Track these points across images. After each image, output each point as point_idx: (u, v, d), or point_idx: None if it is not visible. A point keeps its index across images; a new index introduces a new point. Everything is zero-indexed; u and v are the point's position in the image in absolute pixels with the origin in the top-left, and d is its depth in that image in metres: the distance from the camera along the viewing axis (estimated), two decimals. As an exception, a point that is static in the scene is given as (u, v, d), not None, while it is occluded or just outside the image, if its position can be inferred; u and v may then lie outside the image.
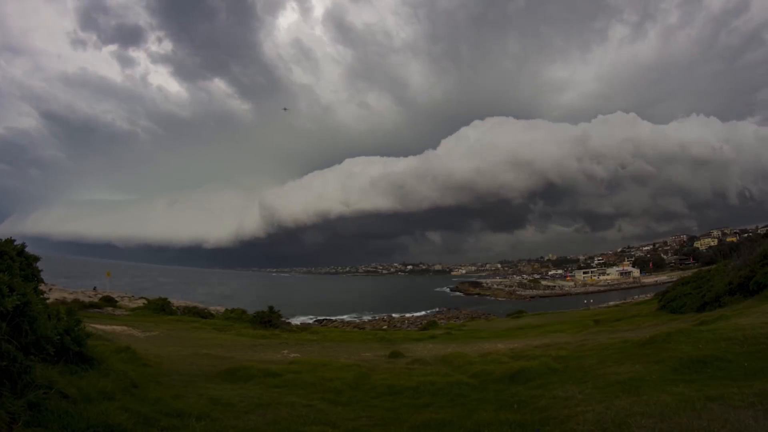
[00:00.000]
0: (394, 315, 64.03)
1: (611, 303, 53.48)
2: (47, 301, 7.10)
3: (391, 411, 6.37)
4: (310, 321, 54.00)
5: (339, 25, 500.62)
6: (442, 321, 49.50)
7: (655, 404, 4.90)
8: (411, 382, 7.84)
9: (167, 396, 5.84)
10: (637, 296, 63.59)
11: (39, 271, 8.44)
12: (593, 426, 4.59)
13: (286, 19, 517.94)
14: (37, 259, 8.51)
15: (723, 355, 6.84)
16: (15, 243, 7.66)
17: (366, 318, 63.62)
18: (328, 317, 62.11)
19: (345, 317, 63.67)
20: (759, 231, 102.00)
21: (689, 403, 4.80)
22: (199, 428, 4.60)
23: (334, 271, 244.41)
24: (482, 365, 9.35)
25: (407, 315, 63.65)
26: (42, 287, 8.64)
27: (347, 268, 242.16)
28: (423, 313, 66.41)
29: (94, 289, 40.41)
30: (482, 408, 6.08)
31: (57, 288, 33.33)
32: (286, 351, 14.55)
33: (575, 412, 5.16)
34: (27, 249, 8.01)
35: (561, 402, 5.79)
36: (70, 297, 27.92)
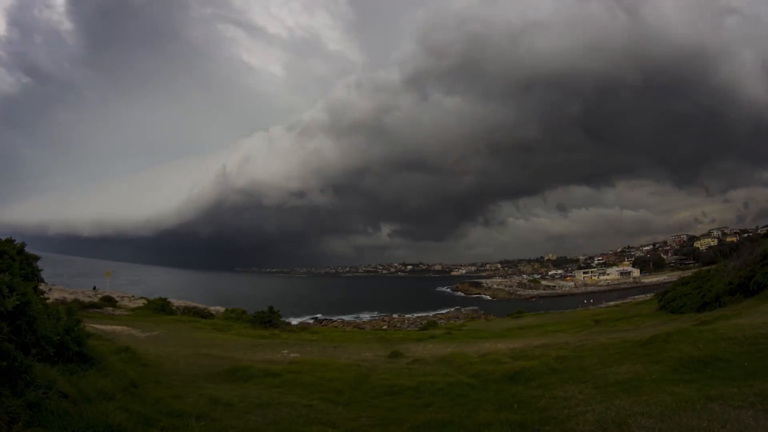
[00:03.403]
0: (394, 315, 64.02)
1: (611, 303, 53.41)
2: (47, 301, 7.11)
3: (391, 411, 6.37)
4: (310, 321, 54.04)
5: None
6: (442, 321, 49.51)
7: (655, 404, 4.90)
8: (411, 382, 7.84)
9: (167, 396, 5.85)
10: (637, 296, 63.57)
11: (39, 271, 8.45)
12: (593, 426, 4.59)
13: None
14: (36, 258, 8.53)
15: (723, 355, 6.84)
16: (15, 242, 7.68)
17: (366, 318, 63.65)
18: (328, 317, 62.14)
19: (345, 317, 63.68)
20: (759, 231, 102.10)
21: (689, 403, 4.80)
22: (199, 428, 4.60)
23: (333, 271, 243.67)
24: (482, 365, 9.35)
25: (407, 315, 63.62)
26: (42, 287, 8.65)
27: (347, 268, 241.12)
28: (423, 313, 66.36)
29: (94, 288, 40.43)
30: (482, 408, 6.08)
31: (57, 288, 33.33)
32: (286, 351, 14.55)
33: (575, 412, 5.16)
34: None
35: (561, 402, 5.79)
36: (70, 297, 27.92)
